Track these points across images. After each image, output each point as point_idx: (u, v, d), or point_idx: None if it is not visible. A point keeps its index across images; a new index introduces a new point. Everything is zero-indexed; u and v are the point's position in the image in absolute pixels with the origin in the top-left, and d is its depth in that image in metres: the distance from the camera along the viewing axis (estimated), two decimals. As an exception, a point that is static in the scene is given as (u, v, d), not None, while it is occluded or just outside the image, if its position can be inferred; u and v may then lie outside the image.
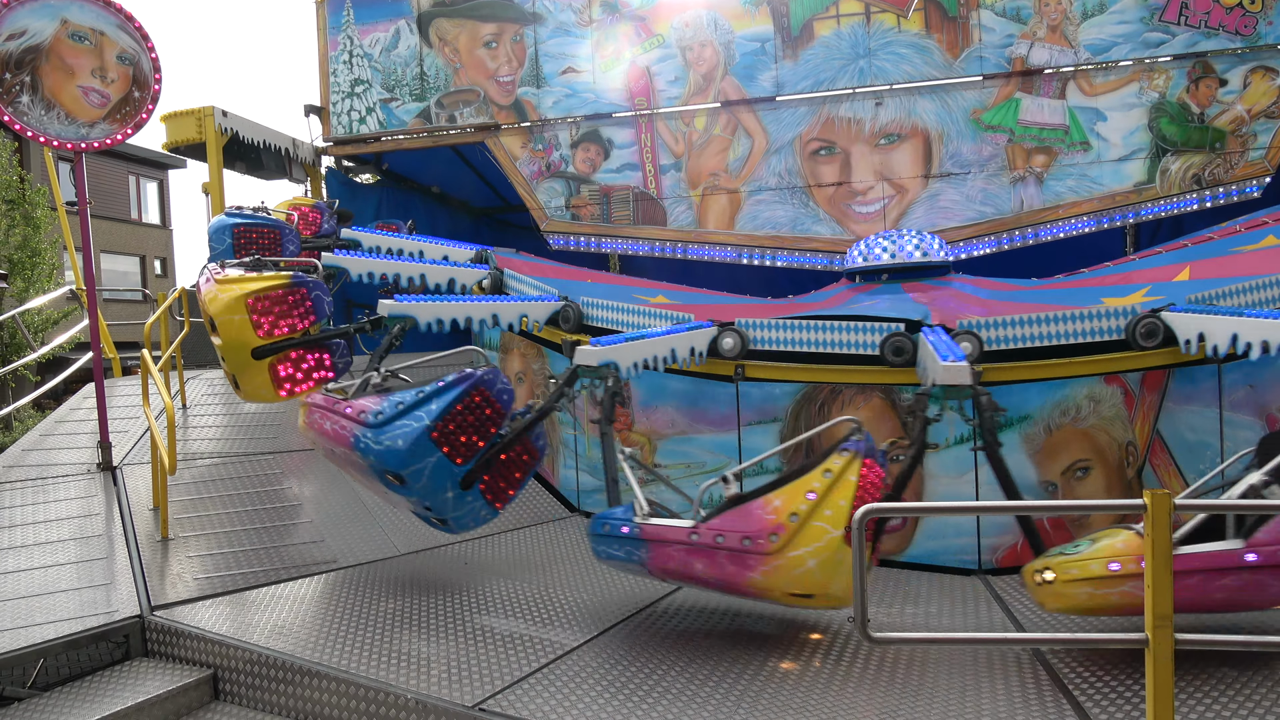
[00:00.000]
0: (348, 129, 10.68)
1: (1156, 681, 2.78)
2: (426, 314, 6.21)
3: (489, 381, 4.90)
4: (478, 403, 4.85)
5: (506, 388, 4.99)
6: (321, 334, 5.98)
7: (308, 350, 5.81)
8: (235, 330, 5.40)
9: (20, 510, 6.06)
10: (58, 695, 4.30)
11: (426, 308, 6.23)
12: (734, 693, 3.92)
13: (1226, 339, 5.11)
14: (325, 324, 6.04)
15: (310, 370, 5.78)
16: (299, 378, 5.71)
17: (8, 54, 6.33)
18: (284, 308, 5.45)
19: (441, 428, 4.70)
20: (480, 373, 4.90)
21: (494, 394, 4.90)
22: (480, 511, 5.08)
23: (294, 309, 5.50)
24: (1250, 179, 8.31)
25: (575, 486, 7.37)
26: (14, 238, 18.18)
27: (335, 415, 5.05)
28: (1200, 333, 5.25)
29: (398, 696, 3.92)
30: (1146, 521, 2.83)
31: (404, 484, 4.78)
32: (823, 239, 9.22)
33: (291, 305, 5.50)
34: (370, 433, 4.76)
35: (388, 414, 4.77)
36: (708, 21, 9.49)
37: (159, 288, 26.79)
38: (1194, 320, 5.30)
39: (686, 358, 5.95)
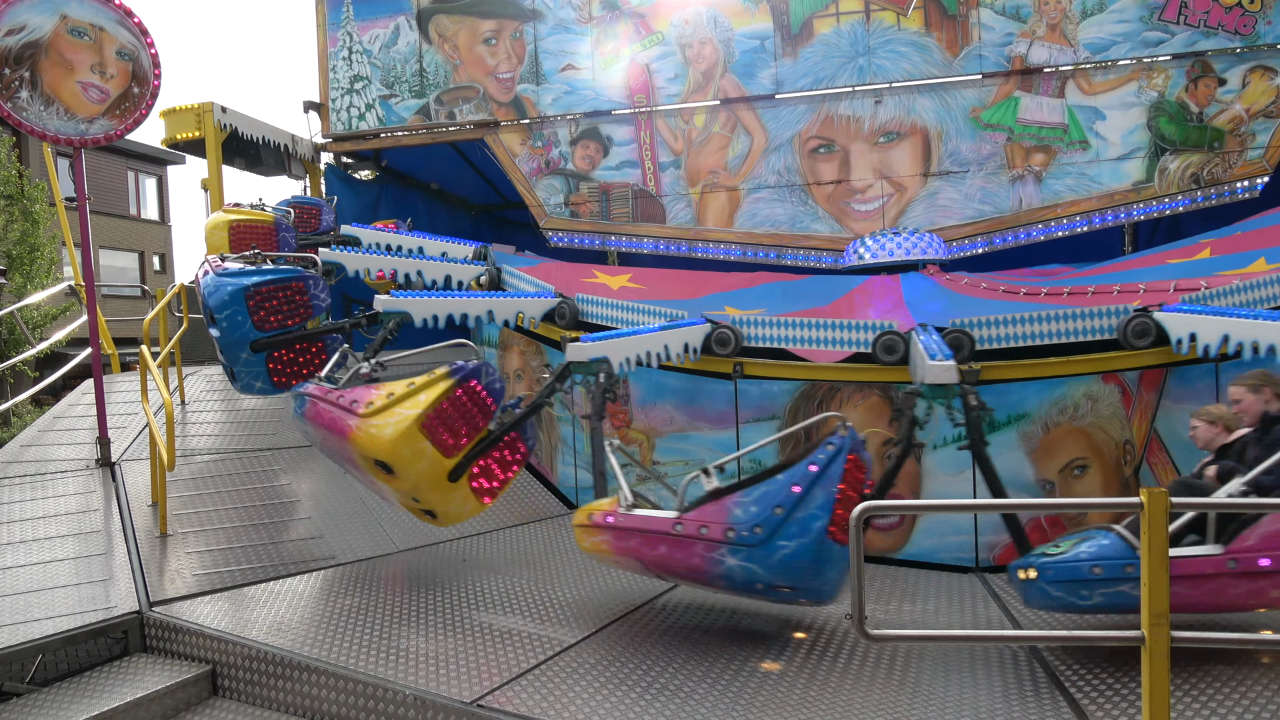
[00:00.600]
0: (347, 125, 10.67)
1: (1152, 679, 2.79)
2: (422, 310, 6.23)
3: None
4: (293, 292, 5.50)
5: (324, 295, 5.60)
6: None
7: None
8: (426, 463, 4.79)
9: (19, 506, 6.07)
10: (56, 691, 4.31)
11: (422, 304, 6.25)
12: (731, 689, 3.93)
13: (1217, 339, 5.12)
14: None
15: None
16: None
17: (7, 49, 6.32)
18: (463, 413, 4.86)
19: (256, 293, 5.05)
20: (306, 271, 5.53)
21: (310, 293, 5.54)
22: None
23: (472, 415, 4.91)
24: (1249, 178, 8.32)
25: (574, 483, 7.38)
26: (13, 233, 18.16)
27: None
28: (1192, 333, 5.26)
29: (396, 692, 3.92)
30: (1143, 520, 2.84)
31: (214, 323, 5.37)
32: (821, 237, 9.23)
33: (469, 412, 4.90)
34: (212, 277, 5.39)
35: (230, 271, 5.41)
36: (707, 19, 9.49)
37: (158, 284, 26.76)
38: (1186, 320, 5.31)
39: (680, 354, 5.96)
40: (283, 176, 12.01)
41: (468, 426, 4.84)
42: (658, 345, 5.81)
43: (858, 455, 4.31)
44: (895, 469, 4.61)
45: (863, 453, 4.38)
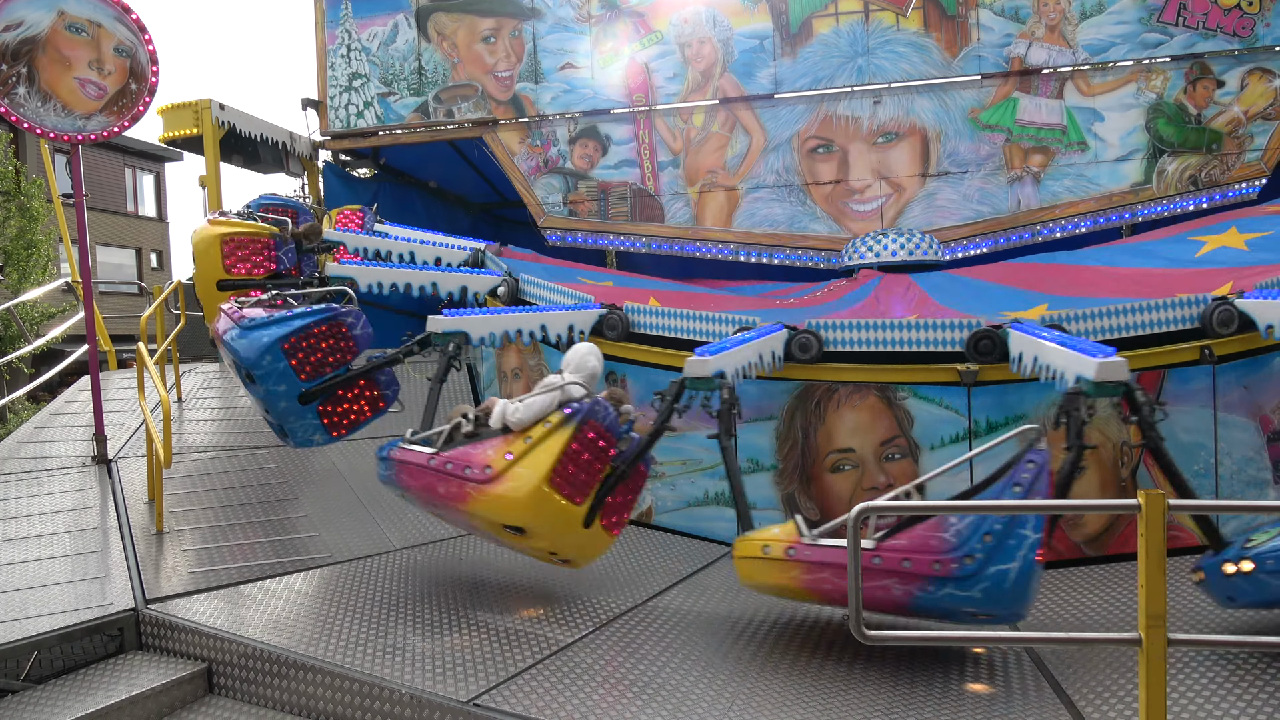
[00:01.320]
0: (345, 123, 10.65)
1: (1149, 681, 2.79)
2: (478, 329, 5.88)
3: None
4: (334, 334, 5.45)
5: (365, 330, 5.52)
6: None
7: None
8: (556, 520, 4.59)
9: (15, 503, 6.05)
10: (52, 688, 4.30)
11: (478, 321, 5.91)
12: (728, 690, 3.92)
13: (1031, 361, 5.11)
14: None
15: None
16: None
17: (4, 45, 6.30)
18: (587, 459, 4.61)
19: (295, 342, 4.99)
20: (341, 308, 5.55)
21: (351, 331, 5.49)
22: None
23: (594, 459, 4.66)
24: (1246, 180, 8.33)
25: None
26: (9, 230, 18.12)
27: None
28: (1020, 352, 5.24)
29: (392, 691, 3.92)
30: (1141, 522, 2.84)
31: (253, 382, 5.28)
32: (820, 237, 9.23)
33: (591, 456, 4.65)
34: (237, 330, 5.36)
35: (256, 321, 5.38)
36: (707, 18, 9.49)
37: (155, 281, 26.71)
38: (1274, 307, 5.22)
39: (770, 362, 5.75)
40: (281, 174, 12.00)
41: (592, 470, 4.60)
42: (754, 355, 5.57)
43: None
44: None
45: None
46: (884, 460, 6.05)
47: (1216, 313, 5.47)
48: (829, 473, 6.20)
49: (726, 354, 5.26)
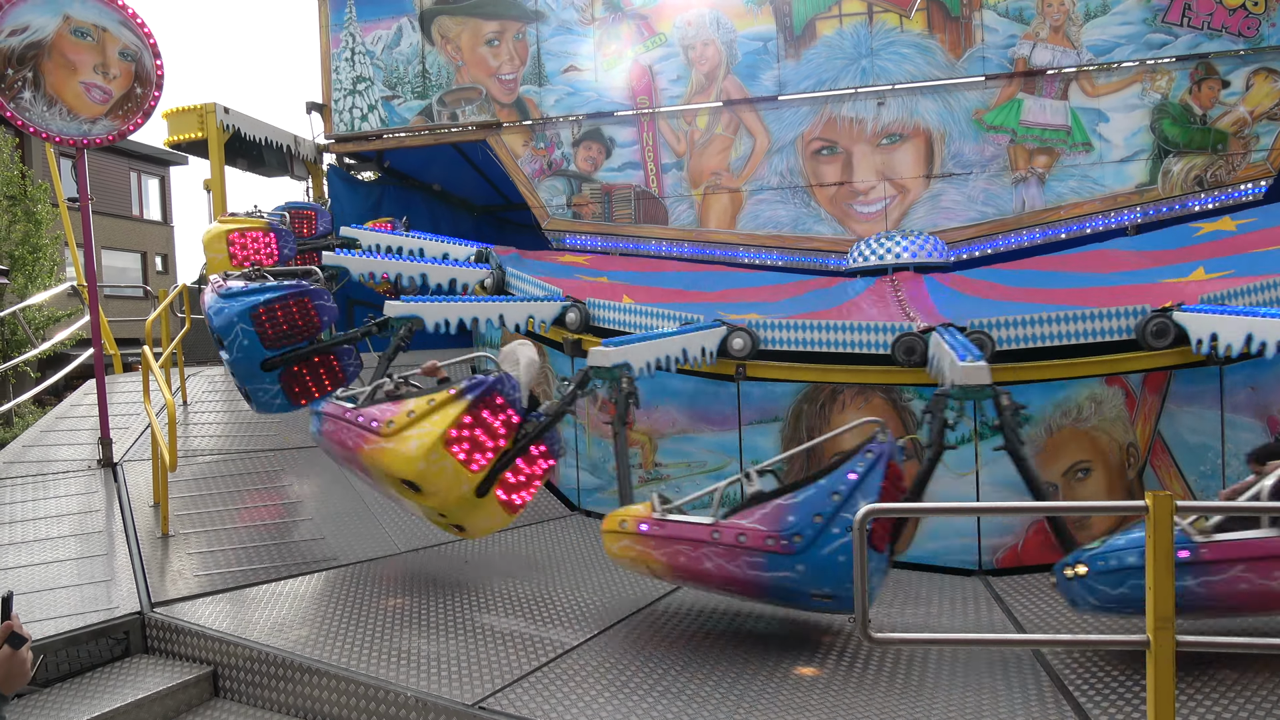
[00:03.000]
0: (349, 126, 10.67)
1: (1157, 683, 2.77)
2: (433, 314, 6.19)
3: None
4: (300, 308, 5.73)
5: (331, 307, 5.84)
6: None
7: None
8: (448, 480, 4.78)
9: (21, 506, 6.06)
10: (58, 691, 4.30)
11: (433, 308, 6.21)
12: (734, 692, 3.91)
13: (1241, 338, 5.09)
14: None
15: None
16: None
17: (10, 50, 6.32)
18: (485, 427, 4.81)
19: (262, 312, 5.23)
20: (309, 284, 5.87)
21: (316, 306, 5.79)
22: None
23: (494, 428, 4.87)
24: (1252, 180, 8.31)
25: (576, 485, 7.37)
26: (15, 234, 18.17)
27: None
28: (1214, 333, 5.22)
29: (398, 694, 3.91)
30: (1148, 523, 2.82)
31: (223, 346, 5.62)
32: (824, 239, 9.22)
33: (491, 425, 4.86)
34: (218, 302, 5.72)
35: (233, 291, 5.72)
36: (710, 20, 9.48)
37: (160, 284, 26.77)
38: (1207, 320, 5.27)
39: (698, 357, 5.91)
40: (285, 177, 12.02)
41: (491, 440, 4.79)
42: (676, 349, 5.74)
43: (895, 462, 4.29)
44: (928, 472, 4.52)
45: (900, 459, 4.37)
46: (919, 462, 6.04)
47: (1150, 325, 5.47)
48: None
49: (633, 346, 5.48)
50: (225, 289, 5.95)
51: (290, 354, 5.86)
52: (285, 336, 5.80)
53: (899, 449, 4.38)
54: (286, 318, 5.76)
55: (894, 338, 5.72)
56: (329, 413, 5.33)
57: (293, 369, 5.91)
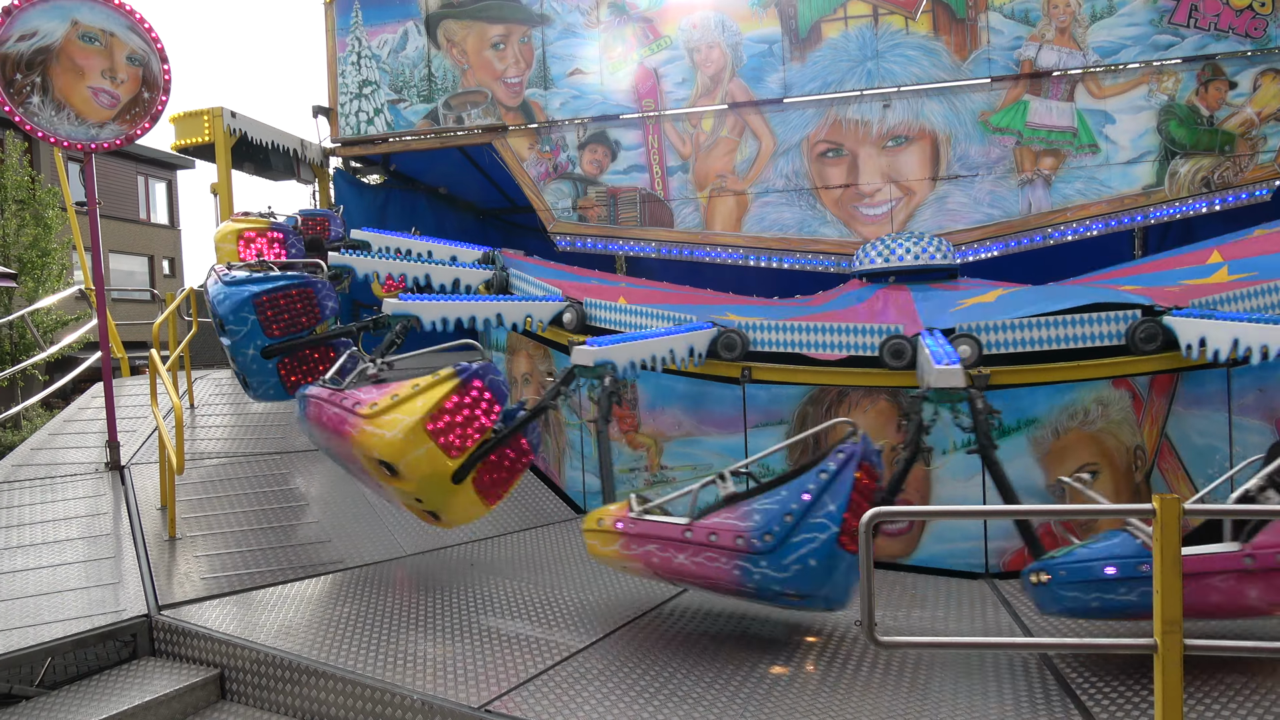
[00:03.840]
0: (356, 130, 10.70)
1: (1165, 687, 2.77)
2: (430, 313, 6.23)
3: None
4: (302, 298, 5.92)
5: (332, 300, 5.96)
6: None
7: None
8: (430, 464, 4.82)
9: (29, 509, 6.09)
10: (65, 694, 4.32)
11: (430, 306, 6.25)
12: (740, 695, 3.91)
13: (1228, 344, 5.09)
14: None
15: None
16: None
17: (19, 55, 6.36)
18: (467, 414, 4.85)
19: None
20: (313, 277, 6.01)
21: (318, 299, 5.93)
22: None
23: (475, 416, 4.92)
24: (1260, 182, 8.28)
25: (581, 488, 7.38)
26: (24, 237, 18.27)
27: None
28: (1202, 337, 5.23)
29: (404, 697, 3.92)
30: (1156, 526, 2.82)
31: (224, 331, 5.76)
32: (830, 241, 9.21)
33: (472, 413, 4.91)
34: (222, 289, 5.89)
35: (238, 279, 5.92)
36: (715, 23, 9.49)
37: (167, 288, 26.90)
38: (1196, 325, 5.27)
39: (685, 358, 5.93)
40: (291, 181, 12.06)
41: (471, 428, 4.84)
42: (663, 349, 5.77)
43: (870, 463, 4.29)
44: (903, 474, 4.58)
45: (875, 460, 4.35)
46: (895, 464, 6.03)
47: (1140, 329, 5.45)
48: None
49: (616, 346, 5.49)
50: (230, 276, 6.08)
51: (289, 343, 6.01)
52: (286, 325, 5.94)
53: (876, 451, 4.37)
54: (288, 307, 5.90)
55: (881, 340, 5.72)
56: (313, 395, 5.38)
57: (290, 358, 6.07)
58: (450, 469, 4.80)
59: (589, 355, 5.42)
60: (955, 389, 4.74)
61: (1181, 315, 5.39)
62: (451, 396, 4.79)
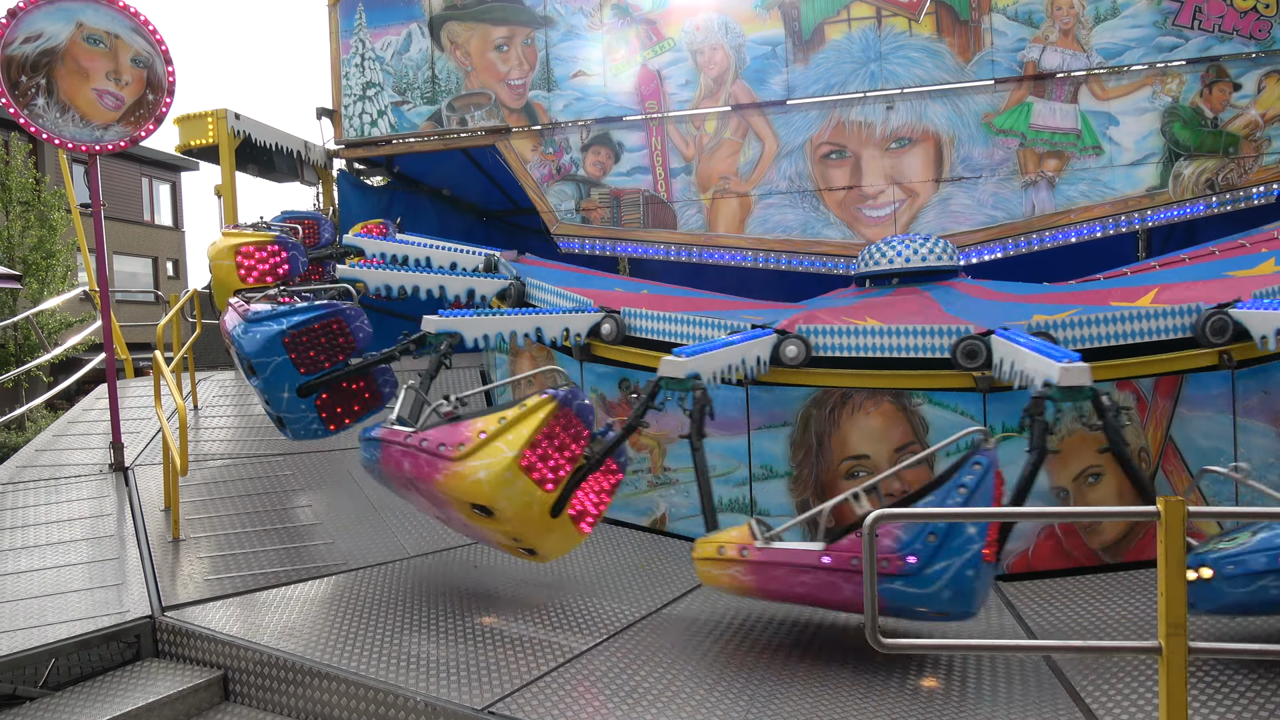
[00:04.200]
0: (359, 132, 10.71)
1: (1170, 690, 2.76)
2: (472, 329, 5.97)
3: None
4: (333, 330, 5.54)
5: (365, 327, 5.67)
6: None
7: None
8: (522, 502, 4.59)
9: (33, 510, 6.10)
10: (69, 695, 4.32)
11: (471, 323, 5.99)
12: (743, 698, 3.91)
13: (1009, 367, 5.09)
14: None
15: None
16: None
17: (24, 57, 6.37)
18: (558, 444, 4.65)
19: (294, 336, 5.08)
20: (342, 305, 5.65)
21: (351, 327, 5.61)
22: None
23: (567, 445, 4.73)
24: (1264, 183, 8.26)
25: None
26: (29, 239, 18.31)
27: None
28: (1278, 328, 5.11)
29: (407, 699, 3.92)
30: (1160, 528, 2.81)
31: (253, 374, 5.41)
32: (833, 243, 9.21)
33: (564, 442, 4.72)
34: (242, 324, 5.49)
35: (260, 314, 5.52)
36: (718, 25, 9.49)
37: (171, 289, 26.94)
38: (1267, 317, 5.18)
39: (755, 367, 5.77)
40: (295, 183, 12.08)
41: (563, 457, 4.63)
42: (737, 358, 5.58)
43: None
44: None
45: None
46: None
47: (1210, 322, 5.41)
48: (843, 479, 6.17)
49: (704, 356, 5.29)
50: (251, 312, 5.67)
51: (325, 377, 5.60)
52: (319, 359, 5.53)
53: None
54: (320, 340, 5.51)
55: (954, 341, 5.60)
56: (387, 440, 5.02)
57: (329, 393, 5.66)
58: (547, 504, 4.60)
59: (680, 367, 5.11)
60: (1082, 387, 4.54)
61: (1247, 308, 5.34)
62: (542, 428, 4.56)
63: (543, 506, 4.60)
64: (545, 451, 4.56)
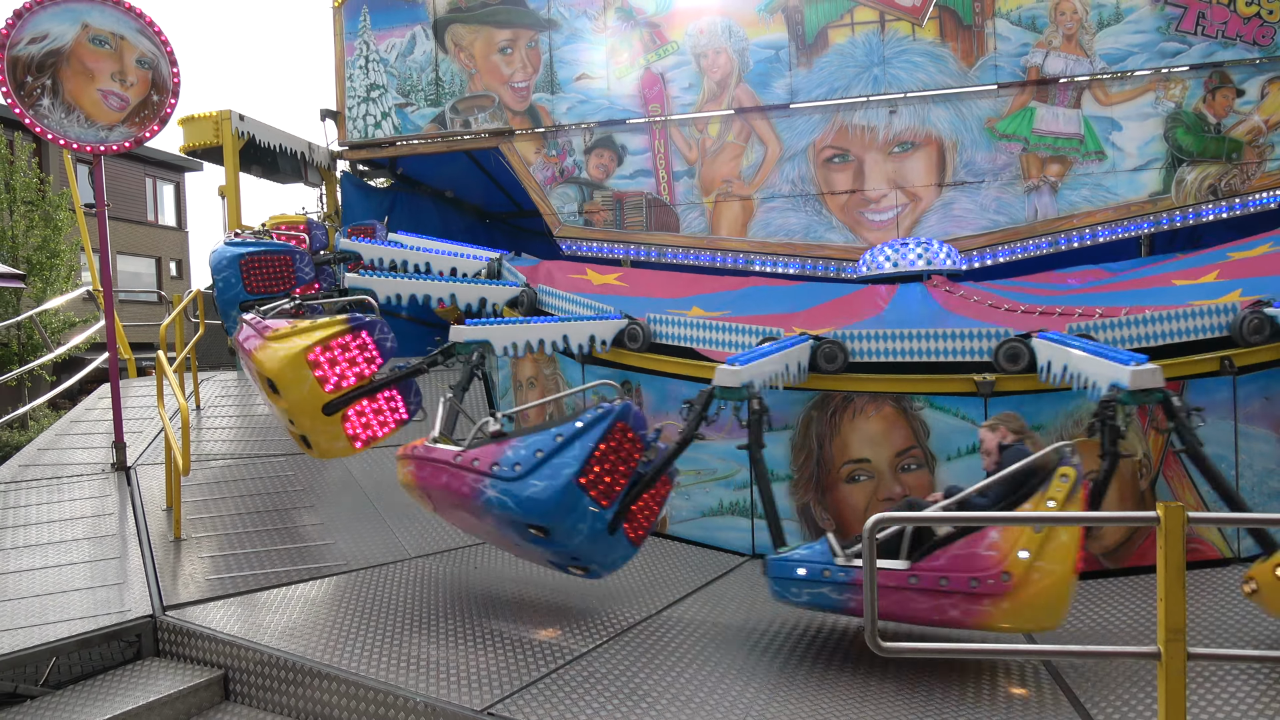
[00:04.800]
0: (363, 133, 10.74)
1: (1168, 695, 2.76)
2: (501, 338, 5.87)
3: (370, 325, 5.35)
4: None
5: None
6: (396, 375, 5.58)
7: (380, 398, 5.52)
8: (301, 389, 5.10)
9: (35, 509, 6.11)
10: (70, 694, 4.33)
11: (500, 331, 5.90)
12: (743, 700, 3.91)
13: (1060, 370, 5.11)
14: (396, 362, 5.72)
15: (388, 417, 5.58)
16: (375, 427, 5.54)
17: (30, 57, 6.40)
18: (614, 460, 4.58)
19: (587, 472, 4.45)
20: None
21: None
22: (625, 551, 4.85)
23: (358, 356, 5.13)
24: (1267, 190, 8.25)
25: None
26: (33, 239, 18.34)
27: (456, 469, 4.69)
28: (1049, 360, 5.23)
29: (407, 699, 3.93)
30: (1160, 534, 2.81)
31: (549, 535, 4.52)
32: (835, 246, 9.21)
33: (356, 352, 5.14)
34: (506, 485, 4.50)
35: (526, 464, 4.50)
36: (722, 29, 9.51)
37: (174, 289, 26.96)
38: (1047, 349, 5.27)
39: (796, 374, 5.76)
40: (299, 184, 12.10)
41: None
42: (780, 366, 5.54)
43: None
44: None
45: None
46: (900, 471, 6.03)
47: (1247, 321, 5.41)
48: (844, 483, 6.18)
49: (756, 363, 5.21)
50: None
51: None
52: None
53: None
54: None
55: (996, 344, 5.58)
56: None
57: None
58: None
59: (735, 375, 4.99)
60: (1152, 389, 4.48)
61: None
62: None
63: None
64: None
